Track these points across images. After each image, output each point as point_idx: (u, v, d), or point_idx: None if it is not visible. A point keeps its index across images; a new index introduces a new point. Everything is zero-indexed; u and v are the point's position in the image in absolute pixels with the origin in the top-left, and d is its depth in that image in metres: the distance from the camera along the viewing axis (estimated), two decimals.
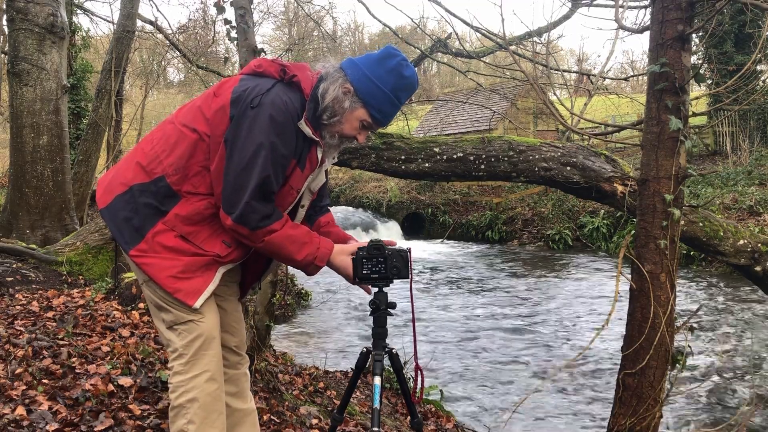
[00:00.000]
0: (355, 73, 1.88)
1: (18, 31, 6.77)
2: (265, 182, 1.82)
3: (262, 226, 1.85)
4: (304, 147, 1.89)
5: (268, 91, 1.84)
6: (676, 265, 3.01)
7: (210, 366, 1.91)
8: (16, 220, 6.80)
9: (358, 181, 21.50)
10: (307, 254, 1.92)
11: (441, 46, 9.50)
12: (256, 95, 1.83)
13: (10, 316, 3.92)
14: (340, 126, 1.92)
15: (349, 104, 1.88)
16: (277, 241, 1.88)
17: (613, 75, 17.56)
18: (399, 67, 1.87)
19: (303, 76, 1.90)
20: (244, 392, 2.19)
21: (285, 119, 1.82)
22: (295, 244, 1.91)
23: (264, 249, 1.91)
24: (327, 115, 1.89)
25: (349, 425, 3.32)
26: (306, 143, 1.90)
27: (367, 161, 4.11)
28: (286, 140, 1.83)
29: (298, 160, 1.90)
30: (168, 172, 1.88)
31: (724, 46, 15.27)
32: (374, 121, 1.93)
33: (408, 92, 1.93)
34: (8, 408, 2.52)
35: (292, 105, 1.84)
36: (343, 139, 1.97)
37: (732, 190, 12.90)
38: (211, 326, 1.93)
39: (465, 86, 26.44)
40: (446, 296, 9.49)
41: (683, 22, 2.84)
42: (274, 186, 1.85)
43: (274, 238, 1.88)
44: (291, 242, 1.90)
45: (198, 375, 1.89)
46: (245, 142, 1.81)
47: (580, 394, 5.20)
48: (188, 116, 1.92)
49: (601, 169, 4.11)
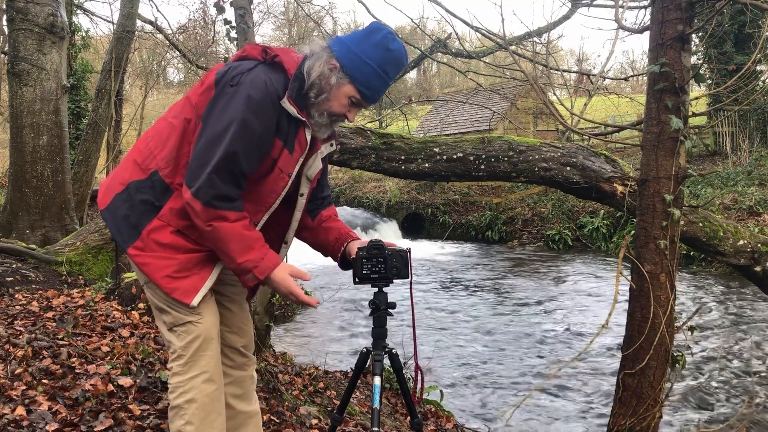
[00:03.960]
0: (341, 50, 1.85)
1: (18, 31, 6.77)
2: (231, 159, 1.76)
3: (215, 205, 1.78)
4: (290, 128, 1.86)
5: (249, 70, 1.81)
6: (675, 265, 3.01)
7: (208, 367, 1.90)
8: (16, 220, 6.80)
9: (358, 181, 21.50)
10: (248, 260, 1.83)
11: (441, 46, 9.50)
12: (237, 74, 1.81)
13: (10, 316, 3.92)
14: (328, 104, 1.87)
15: (335, 80, 1.84)
16: (223, 233, 1.80)
17: (613, 75, 17.57)
18: (385, 41, 1.83)
19: (286, 57, 1.87)
20: (248, 395, 2.17)
21: (263, 97, 1.78)
22: (241, 244, 1.82)
23: (209, 237, 1.82)
24: (314, 92, 1.85)
25: (349, 425, 3.32)
26: (292, 124, 1.86)
27: (367, 161, 4.11)
28: (263, 119, 1.79)
29: (285, 141, 1.85)
30: (161, 166, 1.87)
31: (724, 46, 15.27)
32: (363, 97, 1.88)
33: (395, 66, 1.87)
34: (8, 408, 2.52)
35: (272, 84, 1.80)
36: (333, 118, 1.91)
37: (732, 191, 12.89)
38: (210, 327, 1.91)
39: (465, 86, 26.44)
40: (446, 296, 9.49)
41: (683, 22, 2.85)
42: (242, 165, 1.79)
43: (223, 227, 1.80)
44: (238, 240, 1.82)
45: (196, 376, 1.88)
46: (218, 118, 1.79)
47: (580, 394, 5.20)
48: (177, 108, 1.92)
49: (601, 169, 4.11)
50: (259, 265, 1.83)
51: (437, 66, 32.21)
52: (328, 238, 2.14)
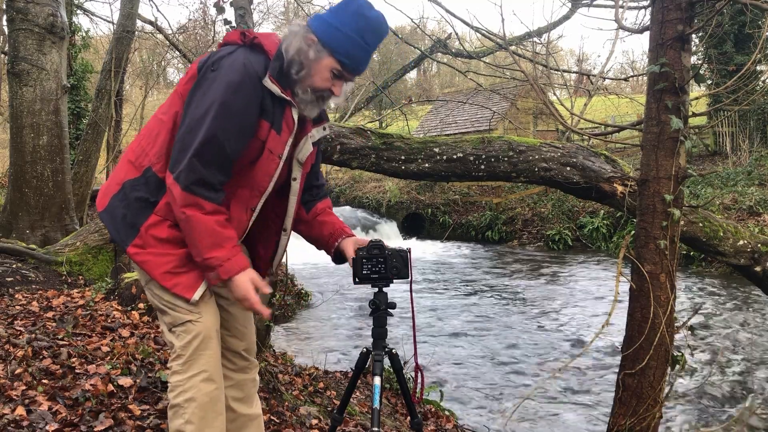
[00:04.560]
0: (318, 24, 1.84)
1: (18, 31, 6.77)
2: (212, 142, 1.75)
3: (193, 191, 1.76)
4: (275, 108, 1.84)
5: (228, 54, 1.82)
6: (675, 265, 3.01)
7: (208, 366, 1.88)
8: (16, 220, 6.80)
9: (358, 181, 21.50)
10: (213, 257, 1.79)
11: (441, 46, 9.50)
12: (217, 59, 1.81)
13: (10, 316, 3.92)
14: (311, 79, 1.85)
15: (314, 54, 1.82)
16: (195, 223, 1.77)
17: (613, 75, 17.57)
18: (361, 9, 1.82)
19: (266, 40, 1.87)
20: (250, 398, 2.16)
21: (242, 79, 1.77)
22: (211, 239, 1.79)
23: (182, 225, 1.80)
24: (295, 69, 1.83)
25: (349, 425, 3.32)
26: (278, 104, 1.85)
27: (367, 161, 4.11)
28: (244, 100, 1.78)
29: (272, 122, 1.84)
30: (153, 162, 1.87)
31: (724, 47, 15.27)
32: (345, 68, 1.85)
33: (375, 34, 1.84)
34: (8, 408, 2.52)
35: (252, 66, 1.80)
36: (318, 94, 1.88)
37: (732, 191, 12.89)
38: (209, 326, 1.90)
39: (465, 86, 26.45)
40: (446, 296, 9.49)
41: (683, 22, 2.85)
42: (225, 148, 1.78)
43: (196, 217, 1.77)
44: (208, 234, 1.78)
45: (195, 375, 1.87)
46: (199, 103, 1.78)
47: (580, 394, 5.20)
48: (167, 104, 1.91)
49: (600, 169, 4.11)
50: (224, 265, 1.80)
51: (437, 66, 32.23)
52: (322, 232, 2.14)
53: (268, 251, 2.11)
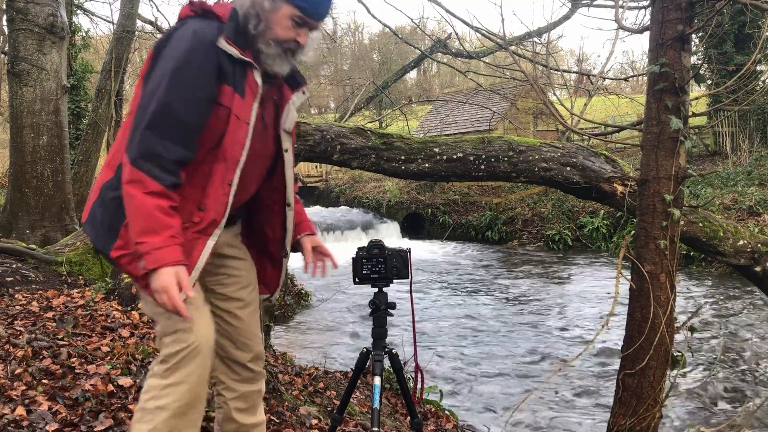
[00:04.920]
0: None
1: (18, 32, 6.77)
2: (165, 110, 1.64)
3: (140, 166, 1.63)
4: (236, 71, 1.75)
5: (180, 27, 1.75)
6: (675, 265, 3.01)
7: (190, 379, 1.74)
8: (16, 220, 6.80)
9: (358, 181, 21.51)
10: (144, 242, 1.62)
11: (441, 46, 9.50)
12: (168, 34, 1.75)
13: (10, 316, 3.92)
14: (271, 31, 1.77)
15: (269, 5, 1.75)
16: (134, 202, 1.63)
17: (613, 75, 17.57)
18: None
19: (218, 7, 1.81)
20: (254, 408, 2.08)
21: (192, 46, 1.70)
22: (146, 223, 1.63)
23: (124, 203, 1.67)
24: (252, 24, 1.76)
25: (349, 425, 3.32)
26: (239, 67, 1.75)
27: (366, 161, 4.11)
28: (197, 66, 1.68)
29: (234, 86, 1.74)
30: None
31: (724, 47, 15.27)
32: (305, 14, 1.78)
33: None
34: (8, 408, 2.52)
35: (202, 32, 1.72)
36: (283, 46, 1.80)
37: (732, 191, 12.90)
38: (200, 338, 1.76)
39: (465, 86, 26.45)
40: (446, 296, 9.49)
41: (683, 22, 2.85)
42: (180, 117, 1.66)
43: (137, 196, 1.62)
44: (144, 217, 1.62)
45: (175, 384, 1.73)
46: (152, 79, 1.70)
47: (580, 394, 5.20)
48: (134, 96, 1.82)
49: (600, 169, 4.11)
50: (153, 253, 1.62)
51: (437, 66, 32.23)
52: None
53: (276, 232, 2.03)
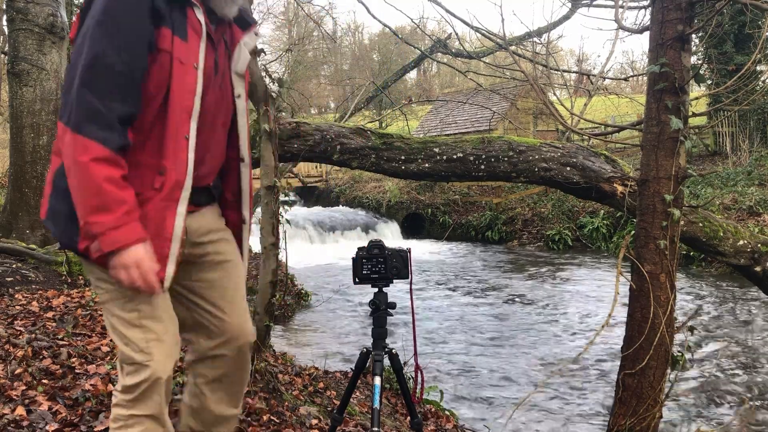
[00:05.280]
0: None
1: (18, 32, 6.78)
2: (98, 62, 1.47)
3: (82, 130, 1.45)
4: (173, 12, 1.58)
5: None
6: (675, 265, 3.01)
7: (155, 409, 1.65)
8: (16, 220, 6.80)
9: (358, 181, 21.50)
10: (96, 222, 1.46)
11: (441, 46, 9.50)
12: None
13: (10, 316, 3.92)
14: None
15: None
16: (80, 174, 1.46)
17: (613, 75, 17.57)
18: None
19: None
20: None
21: None
22: (96, 199, 1.46)
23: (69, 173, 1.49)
24: None
25: (349, 425, 3.32)
26: (176, 8, 1.59)
27: (366, 161, 4.11)
28: (124, 10, 1.50)
29: (173, 28, 1.57)
30: None
31: (724, 47, 15.27)
32: None
33: None
34: (8, 408, 2.52)
35: None
36: None
37: (732, 191, 12.90)
38: (158, 370, 1.61)
39: (465, 86, 26.46)
40: (446, 296, 9.49)
41: (683, 22, 2.85)
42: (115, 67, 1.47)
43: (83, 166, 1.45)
44: (93, 193, 1.45)
45: (141, 416, 1.64)
46: (80, 36, 1.54)
47: (580, 394, 5.20)
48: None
49: (600, 169, 4.11)
50: (108, 234, 1.46)
51: (437, 66, 32.24)
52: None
53: (235, 195, 1.87)
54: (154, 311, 1.62)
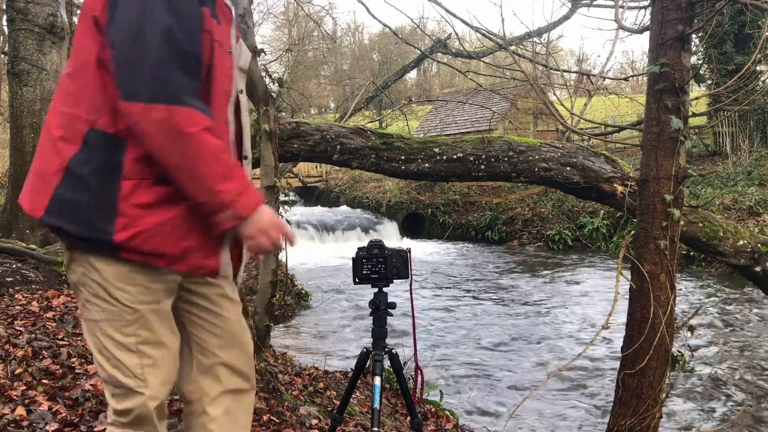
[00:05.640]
0: None
1: (18, 32, 6.78)
2: (169, 36, 1.35)
3: (183, 100, 1.34)
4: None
5: None
6: (675, 265, 3.01)
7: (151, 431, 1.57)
8: (16, 220, 6.80)
9: (358, 181, 21.51)
10: (229, 189, 1.39)
11: (441, 46, 9.50)
12: None
13: (10, 316, 3.92)
14: None
15: None
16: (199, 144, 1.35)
17: (613, 75, 17.57)
18: None
19: None
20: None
21: None
22: (220, 167, 1.38)
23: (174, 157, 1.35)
24: None
25: (349, 425, 3.32)
26: None
27: (366, 161, 4.11)
28: None
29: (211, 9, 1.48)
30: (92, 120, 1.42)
31: (724, 47, 15.27)
32: None
33: None
34: (8, 408, 2.52)
35: None
36: None
37: (732, 191, 12.90)
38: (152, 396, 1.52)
39: (465, 86, 26.46)
40: (446, 296, 9.49)
41: (683, 22, 2.85)
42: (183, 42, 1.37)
43: (199, 137, 1.34)
44: (215, 161, 1.37)
45: None
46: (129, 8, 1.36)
47: (580, 394, 5.20)
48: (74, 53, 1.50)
49: (600, 169, 4.11)
50: (239, 200, 1.41)
51: (437, 66, 32.25)
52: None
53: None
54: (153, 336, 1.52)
